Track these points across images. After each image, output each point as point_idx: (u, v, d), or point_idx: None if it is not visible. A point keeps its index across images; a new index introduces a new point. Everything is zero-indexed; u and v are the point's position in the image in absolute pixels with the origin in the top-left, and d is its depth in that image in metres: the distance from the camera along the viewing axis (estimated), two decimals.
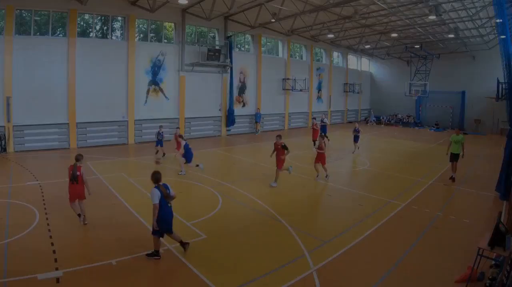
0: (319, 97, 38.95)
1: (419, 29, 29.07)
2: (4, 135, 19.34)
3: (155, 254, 7.85)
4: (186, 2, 22.13)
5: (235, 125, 29.50)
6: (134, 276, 7.18)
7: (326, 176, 15.14)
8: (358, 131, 21.77)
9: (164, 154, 19.09)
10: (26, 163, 16.98)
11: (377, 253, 8.49)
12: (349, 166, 18.60)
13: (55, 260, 7.57)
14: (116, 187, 13.29)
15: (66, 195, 9.67)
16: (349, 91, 42.39)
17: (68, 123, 21.40)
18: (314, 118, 24.22)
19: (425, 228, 10.08)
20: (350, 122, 42.70)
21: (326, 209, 12.40)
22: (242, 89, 30.58)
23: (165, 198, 7.64)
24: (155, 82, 24.95)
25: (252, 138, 28.31)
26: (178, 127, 21.29)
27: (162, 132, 19.10)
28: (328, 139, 23.69)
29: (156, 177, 7.79)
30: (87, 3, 20.30)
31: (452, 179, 15.42)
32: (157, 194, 7.53)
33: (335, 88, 40.84)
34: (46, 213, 10.20)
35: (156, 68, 24.85)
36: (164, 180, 7.96)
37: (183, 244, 8.08)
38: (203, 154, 21.17)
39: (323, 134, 21.88)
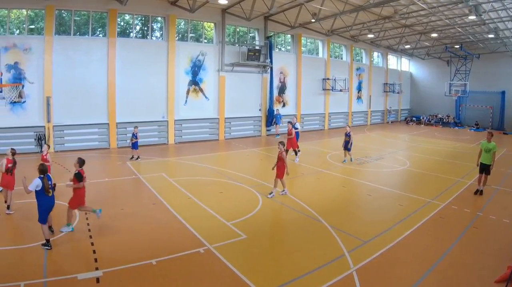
0: (359, 98, 38.23)
1: (459, 29, 28.21)
2: (45, 135, 19.62)
3: (46, 243, 8.07)
4: (226, 2, 22.03)
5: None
6: (174, 276, 7.16)
7: (271, 193, 12.49)
8: (350, 137, 18.29)
9: (138, 157, 18.31)
10: (66, 163, 16.93)
11: (417, 253, 8.41)
12: (389, 166, 18.34)
13: (95, 260, 7.61)
14: (156, 187, 13.29)
15: (106, 195, 9.99)
16: (389, 91, 41.65)
17: (108, 123, 21.56)
18: (290, 122, 19.36)
19: (465, 228, 9.94)
20: (389, 122, 42.34)
21: (366, 208, 12.12)
22: (282, 89, 30.22)
23: (45, 190, 8.04)
24: (195, 82, 24.91)
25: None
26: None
27: (137, 133, 18.04)
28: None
29: (41, 169, 8.14)
30: (127, 3, 20.29)
31: (480, 192, 13.27)
32: (37, 183, 7.95)
33: (375, 88, 40.02)
34: (86, 213, 10.09)
35: (196, 68, 24.82)
36: None
37: (47, 243, 8.12)
38: (243, 154, 21.24)
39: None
